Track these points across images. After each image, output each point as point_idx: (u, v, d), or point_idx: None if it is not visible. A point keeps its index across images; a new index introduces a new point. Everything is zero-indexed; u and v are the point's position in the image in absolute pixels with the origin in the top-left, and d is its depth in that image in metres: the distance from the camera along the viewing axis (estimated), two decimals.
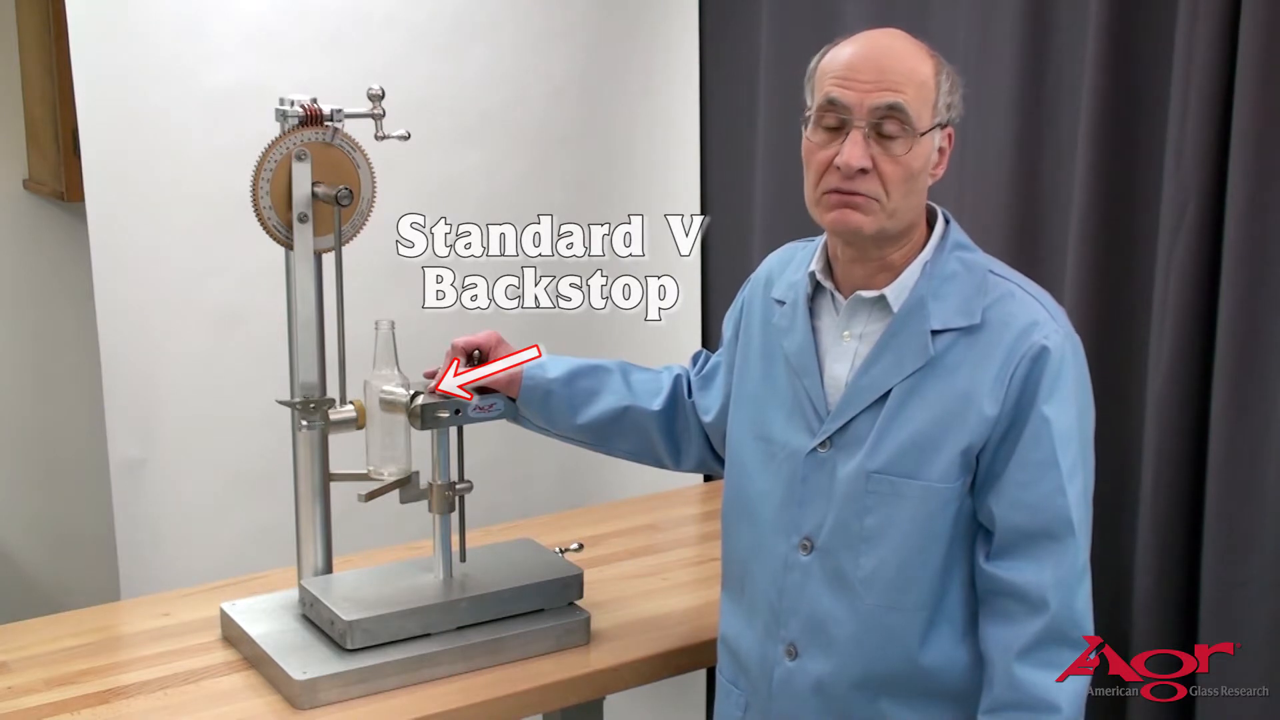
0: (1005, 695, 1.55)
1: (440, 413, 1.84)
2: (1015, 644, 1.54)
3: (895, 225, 1.59)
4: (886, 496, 1.59)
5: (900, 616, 1.60)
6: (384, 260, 2.61)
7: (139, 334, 2.43)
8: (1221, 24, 1.93)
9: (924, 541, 1.59)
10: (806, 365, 1.66)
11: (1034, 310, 1.59)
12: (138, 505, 2.47)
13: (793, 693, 1.67)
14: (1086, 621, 1.56)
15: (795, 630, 1.66)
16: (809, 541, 1.65)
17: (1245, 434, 1.97)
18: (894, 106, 1.54)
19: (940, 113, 1.58)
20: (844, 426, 1.62)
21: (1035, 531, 1.54)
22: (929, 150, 1.58)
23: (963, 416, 1.56)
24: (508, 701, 1.81)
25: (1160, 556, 2.10)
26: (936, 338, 1.58)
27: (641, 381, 1.92)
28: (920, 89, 1.55)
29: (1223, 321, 1.98)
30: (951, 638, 1.61)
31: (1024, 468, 1.54)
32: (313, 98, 1.87)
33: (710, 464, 1.95)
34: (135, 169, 2.39)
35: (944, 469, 1.57)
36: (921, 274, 1.61)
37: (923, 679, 1.61)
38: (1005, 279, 1.62)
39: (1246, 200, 1.93)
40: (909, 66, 1.56)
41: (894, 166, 1.55)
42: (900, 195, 1.56)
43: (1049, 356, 1.54)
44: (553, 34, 2.80)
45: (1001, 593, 1.56)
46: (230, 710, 1.76)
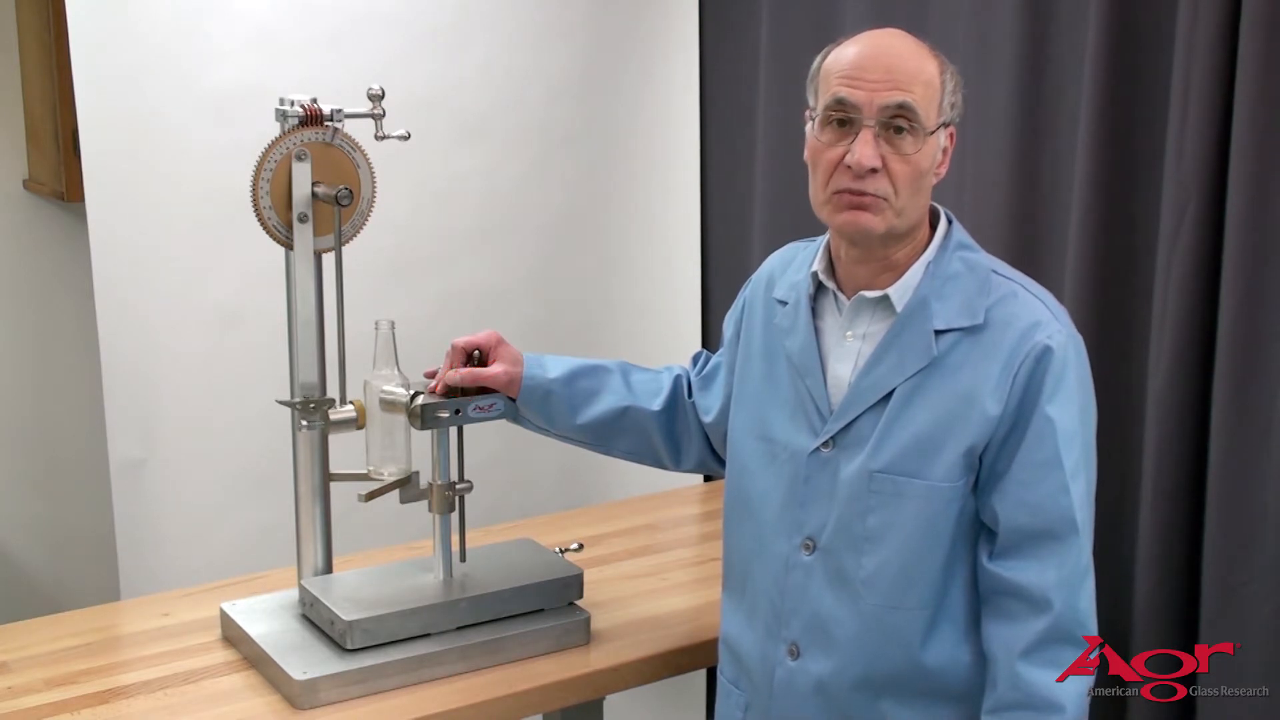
0: (1009, 695, 1.55)
1: (440, 413, 1.84)
2: (1019, 644, 1.54)
3: (903, 224, 1.59)
4: (889, 496, 1.59)
5: (902, 616, 1.60)
6: (384, 260, 2.63)
7: (139, 334, 2.43)
8: (1221, 24, 1.93)
9: (927, 541, 1.59)
10: (809, 365, 1.66)
11: (1037, 310, 1.59)
12: (138, 505, 2.46)
13: (794, 693, 1.67)
14: (1090, 621, 1.56)
15: (797, 630, 1.66)
16: (811, 541, 1.65)
17: (1245, 434, 1.97)
18: (903, 105, 1.54)
19: (945, 112, 1.59)
20: (847, 426, 1.62)
21: (1038, 531, 1.54)
22: (935, 149, 1.59)
23: (965, 416, 1.56)
24: (508, 701, 1.81)
25: (1160, 556, 2.10)
26: (940, 338, 1.59)
27: (641, 382, 1.92)
28: (927, 88, 1.56)
29: (1223, 321, 1.98)
30: (954, 638, 1.61)
31: (1027, 467, 1.54)
32: (313, 98, 1.87)
33: (710, 464, 1.95)
34: (135, 169, 2.39)
35: (947, 468, 1.57)
36: (925, 274, 1.61)
37: (924, 679, 1.61)
38: (1008, 279, 1.63)
39: (1246, 200, 1.93)
40: (915, 65, 1.56)
41: (903, 165, 1.55)
42: (909, 194, 1.57)
43: (1052, 356, 1.55)
44: (553, 34, 2.80)
45: (1005, 592, 1.56)
46: (230, 710, 1.76)
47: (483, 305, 2.80)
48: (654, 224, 3.00)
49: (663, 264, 3.01)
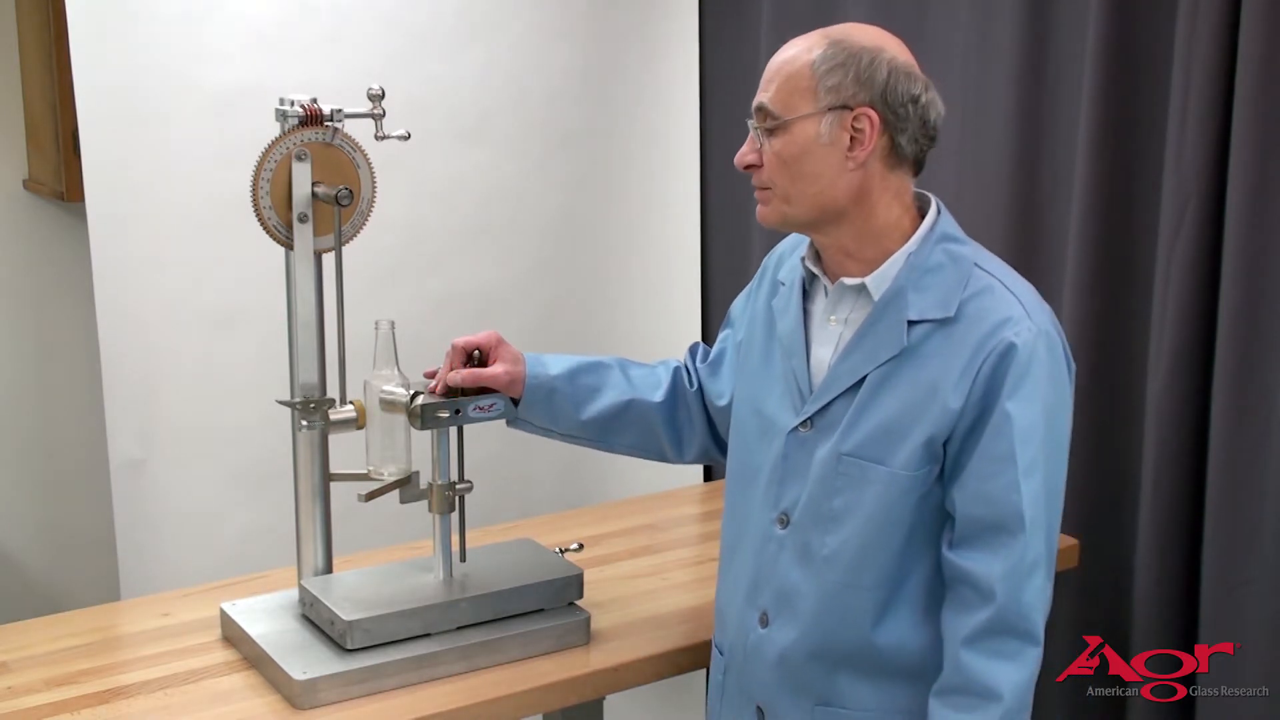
0: (952, 679, 1.59)
1: (440, 413, 1.84)
2: (963, 630, 1.59)
3: (800, 212, 1.64)
4: (854, 479, 1.64)
5: (857, 595, 1.65)
6: (384, 260, 2.63)
7: (139, 334, 2.43)
8: (1221, 24, 1.93)
9: (885, 525, 1.63)
10: (795, 347, 1.72)
11: (1010, 306, 1.60)
12: (138, 505, 2.46)
13: (761, 659, 1.73)
14: (1035, 614, 1.59)
15: (768, 599, 1.72)
16: (785, 516, 1.70)
17: (1245, 434, 1.97)
18: (759, 108, 1.63)
19: (821, 96, 1.59)
20: (824, 409, 1.67)
21: (991, 523, 1.58)
22: (808, 136, 1.60)
23: (928, 407, 1.60)
24: (508, 701, 1.81)
25: (1160, 556, 2.10)
26: (912, 328, 1.62)
27: (640, 375, 1.94)
28: (787, 80, 1.61)
29: (1223, 321, 1.98)
30: (910, 620, 1.65)
31: (984, 461, 1.58)
32: (313, 98, 1.87)
33: (712, 453, 1.97)
34: (135, 169, 2.39)
35: (907, 457, 1.61)
36: (904, 264, 1.64)
37: (877, 657, 1.66)
38: (989, 273, 1.64)
39: (1246, 200, 1.93)
40: (782, 61, 1.62)
41: (771, 155, 1.63)
42: (785, 182, 1.62)
43: (1016, 353, 1.57)
44: (553, 34, 2.80)
45: (959, 580, 1.61)
46: (230, 710, 1.76)
47: (483, 305, 2.80)
48: (654, 224, 3.00)
49: (663, 264, 3.01)
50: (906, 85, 1.59)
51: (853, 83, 1.59)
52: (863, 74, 1.59)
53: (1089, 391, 2.19)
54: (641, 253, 3.00)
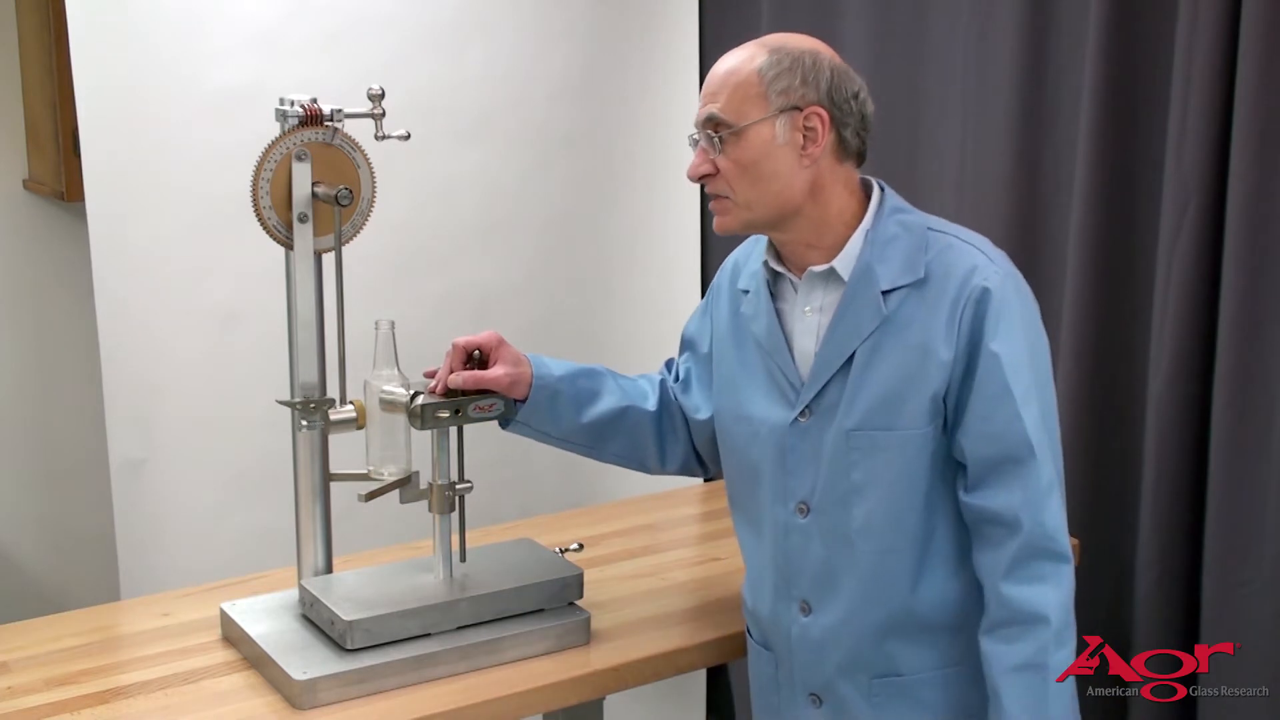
0: (997, 614, 1.64)
1: (440, 413, 1.84)
2: (999, 565, 1.64)
3: (761, 214, 1.70)
4: (867, 451, 1.69)
5: (896, 559, 1.70)
6: (384, 260, 2.63)
7: (139, 334, 2.43)
8: (1221, 24, 1.94)
9: (905, 488, 1.69)
10: (775, 344, 1.76)
11: (972, 256, 1.68)
12: (138, 505, 2.46)
13: (810, 646, 1.77)
14: (1060, 533, 1.65)
15: (805, 588, 1.76)
16: (804, 505, 1.75)
17: (1246, 434, 1.97)
18: (710, 118, 1.68)
19: (774, 100, 1.66)
20: (819, 395, 1.72)
21: (1000, 459, 1.64)
22: (764, 140, 1.67)
23: (923, 366, 1.66)
24: (508, 701, 1.81)
25: (1161, 556, 2.10)
26: (888, 297, 1.68)
27: (630, 384, 1.98)
28: (736, 89, 1.67)
29: (1223, 321, 1.98)
30: (944, 575, 1.71)
31: (982, 401, 1.64)
32: (313, 98, 1.87)
33: (692, 465, 2.00)
34: (135, 169, 2.39)
35: (914, 416, 1.67)
36: (865, 242, 1.70)
37: (920, 618, 1.72)
38: (943, 233, 1.71)
39: (1247, 200, 1.93)
40: (725, 71, 1.69)
41: (727, 163, 1.68)
42: (744, 187, 1.68)
43: (991, 296, 1.64)
44: (553, 34, 2.80)
45: (982, 520, 1.66)
46: (230, 710, 1.76)
47: (483, 305, 2.80)
48: (654, 224, 3.00)
49: (663, 264, 3.01)
50: (847, 83, 1.68)
51: (800, 85, 1.66)
52: (809, 76, 1.67)
53: (1089, 391, 2.19)
54: (642, 253, 3.00)
